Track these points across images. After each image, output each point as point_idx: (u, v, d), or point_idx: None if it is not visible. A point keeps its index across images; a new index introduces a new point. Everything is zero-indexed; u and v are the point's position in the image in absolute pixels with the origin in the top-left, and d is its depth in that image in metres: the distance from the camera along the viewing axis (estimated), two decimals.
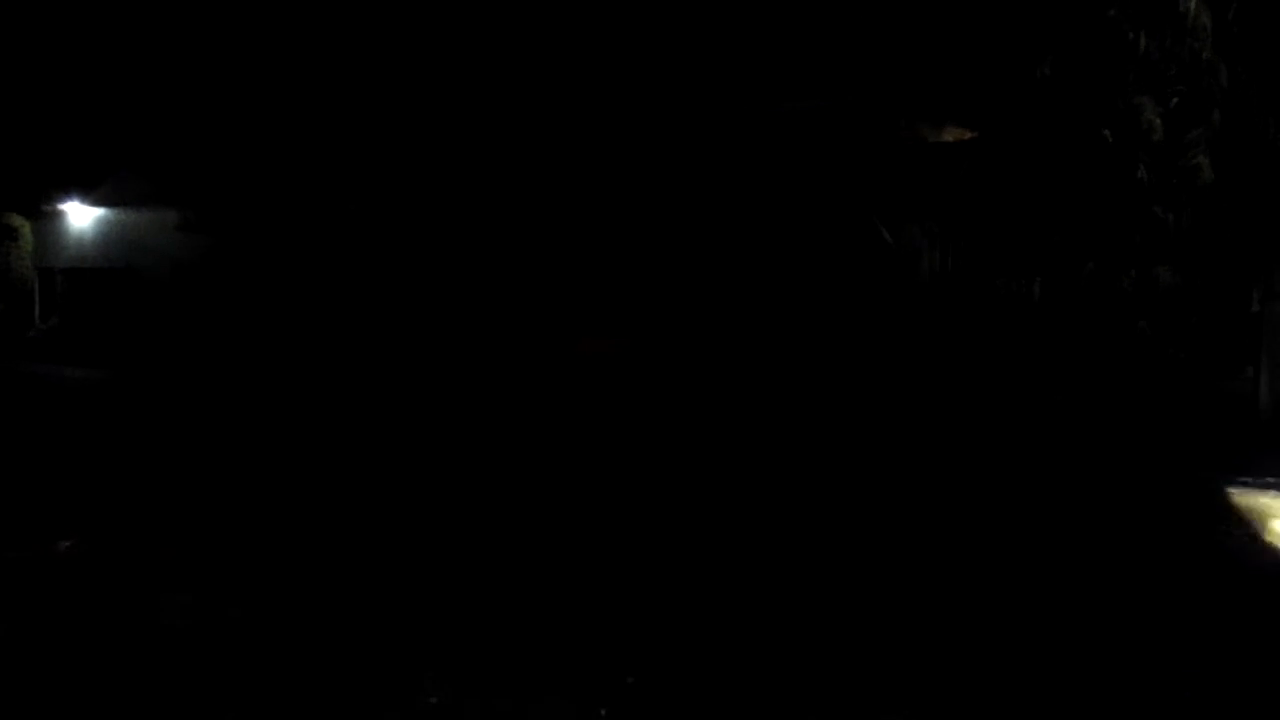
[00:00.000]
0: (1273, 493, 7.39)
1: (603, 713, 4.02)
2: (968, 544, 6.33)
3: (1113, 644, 4.64)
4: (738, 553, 6.13)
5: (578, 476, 8.32)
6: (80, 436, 10.46)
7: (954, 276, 10.68)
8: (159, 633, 4.80)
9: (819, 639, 4.69)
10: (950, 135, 10.90)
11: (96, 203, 17.34)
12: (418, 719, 4.09)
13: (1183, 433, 9.39)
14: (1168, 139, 8.64)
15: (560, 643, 4.70)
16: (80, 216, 17.85)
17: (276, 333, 14.52)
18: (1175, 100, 8.71)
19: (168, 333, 16.21)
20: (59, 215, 18.07)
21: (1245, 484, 7.58)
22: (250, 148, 15.08)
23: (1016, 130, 9.43)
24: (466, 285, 13.27)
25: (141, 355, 16.13)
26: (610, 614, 5.05)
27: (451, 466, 8.84)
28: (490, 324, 12.94)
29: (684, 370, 11.79)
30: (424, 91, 13.28)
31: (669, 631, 4.81)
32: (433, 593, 5.46)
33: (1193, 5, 8.67)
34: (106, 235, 17.49)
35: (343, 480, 8.35)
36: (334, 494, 7.85)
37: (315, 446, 9.93)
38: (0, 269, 18.22)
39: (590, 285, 12.48)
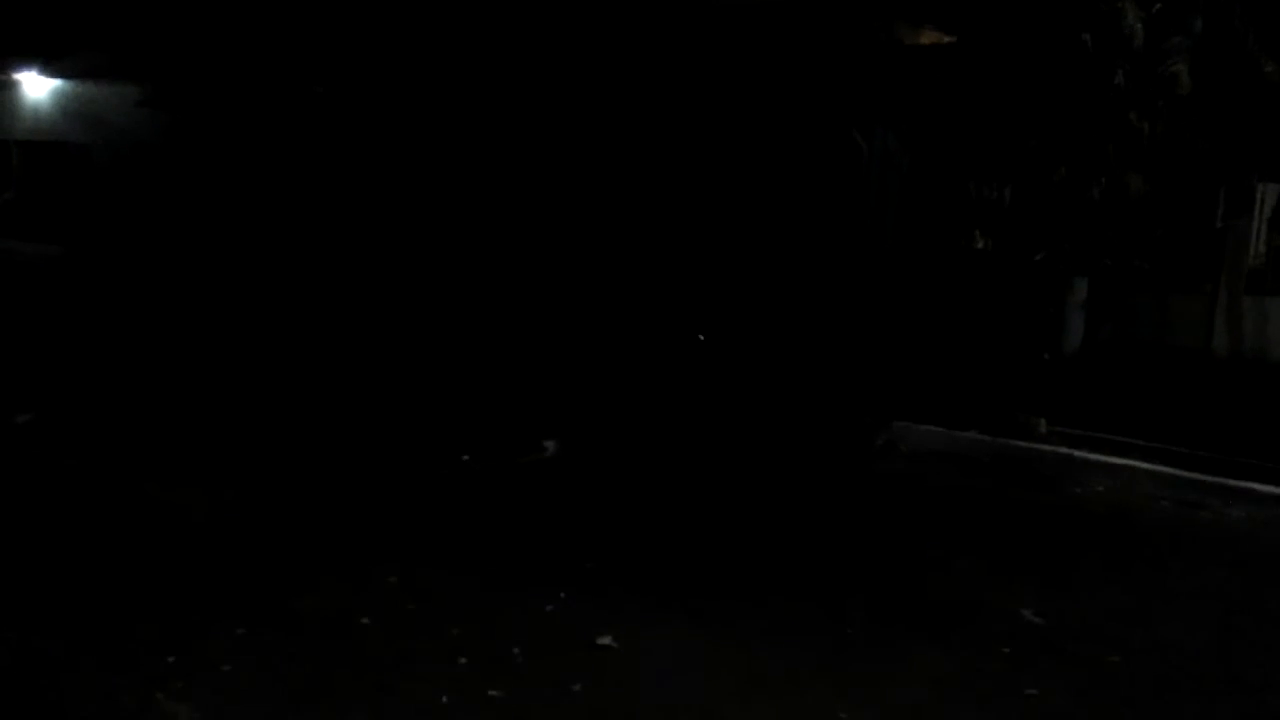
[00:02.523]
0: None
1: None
2: None
3: None
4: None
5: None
6: (32, 313, 10.32)
7: (926, 182, 10.63)
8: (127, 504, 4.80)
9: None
10: (928, 38, 10.75)
11: (56, 74, 16.83)
12: (377, 595, 4.17)
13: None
14: (1147, 46, 8.57)
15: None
16: (37, 88, 17.35)
17: (234, 215, 14.26)
18: (1157, 5, 8.63)
19: (126, 210, 15.90)
20: (15, 86, 17.55)
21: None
22: (214, 23, 14.63)
23: (996, 33, 9.31)
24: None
25: (99, 232, 15.84)
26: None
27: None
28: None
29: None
30: None
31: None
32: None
33: None
34: (65, 108, 17.03)
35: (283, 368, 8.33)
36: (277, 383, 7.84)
37: (269, 335, 9.85)
38: None
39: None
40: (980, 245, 9.80)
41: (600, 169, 12.07)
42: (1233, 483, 7.37)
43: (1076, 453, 8.06)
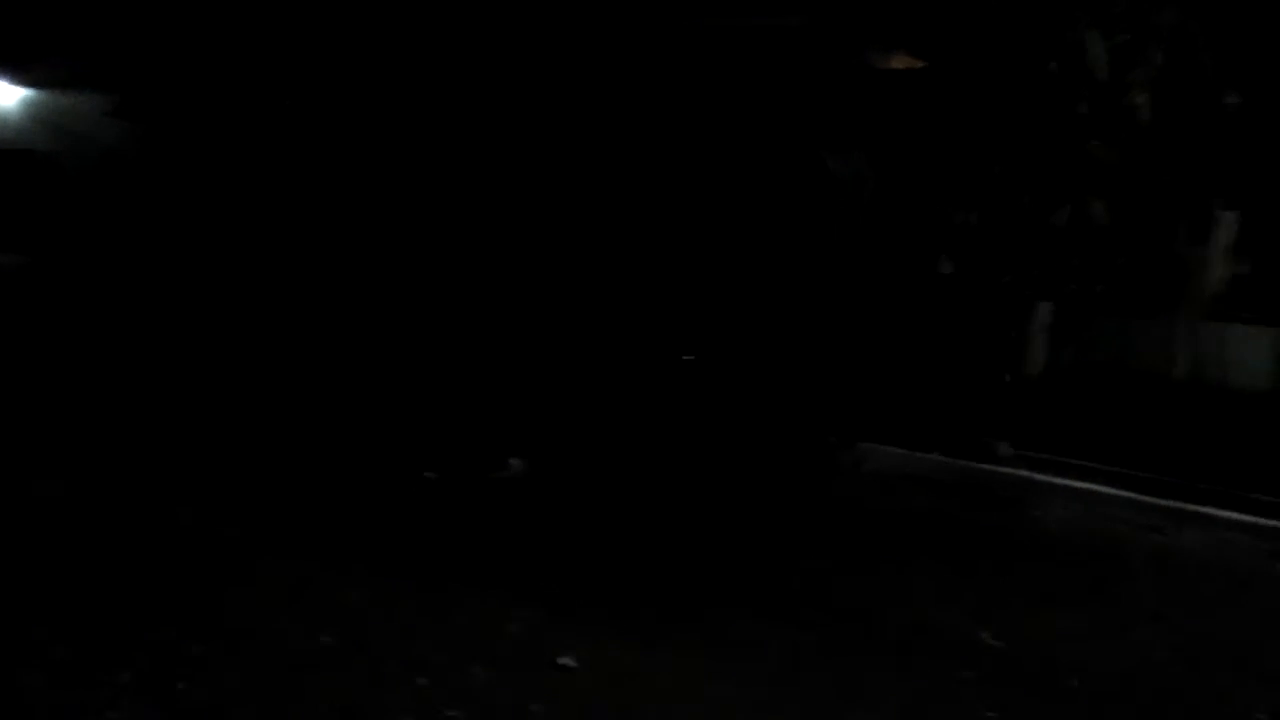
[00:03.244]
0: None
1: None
2: None
3: None
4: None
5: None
6: None
7: (894, 205, 10.72)
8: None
9: None
10: (899, 63, 10.86)
11: (24, 83, 16.70)
12: (338, 613, 4.16)
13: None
14: (1111, 76, 8.72)
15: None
16: (6, 96, 17.19)
17: (202, 226, 14.17)
18: (1122, 38, 8.78)
19: (94, 220, 15.76)
20: None
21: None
22: (184, 34, 14.56)
23: (966, 60, 9.43)
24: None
25: (67, 242, 15.69)
26: None
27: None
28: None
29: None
30: None
31: None
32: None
33: None
34: (34, 117, 16.88)
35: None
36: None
37: (234, 346, 9.79)
38: None
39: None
40: (946, 269, 9.90)
41: (569, 183, 12.10)
42: (1190, 507, 7.47)
43: (1038, 476, 8.16)
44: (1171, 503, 7.57)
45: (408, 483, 6.52)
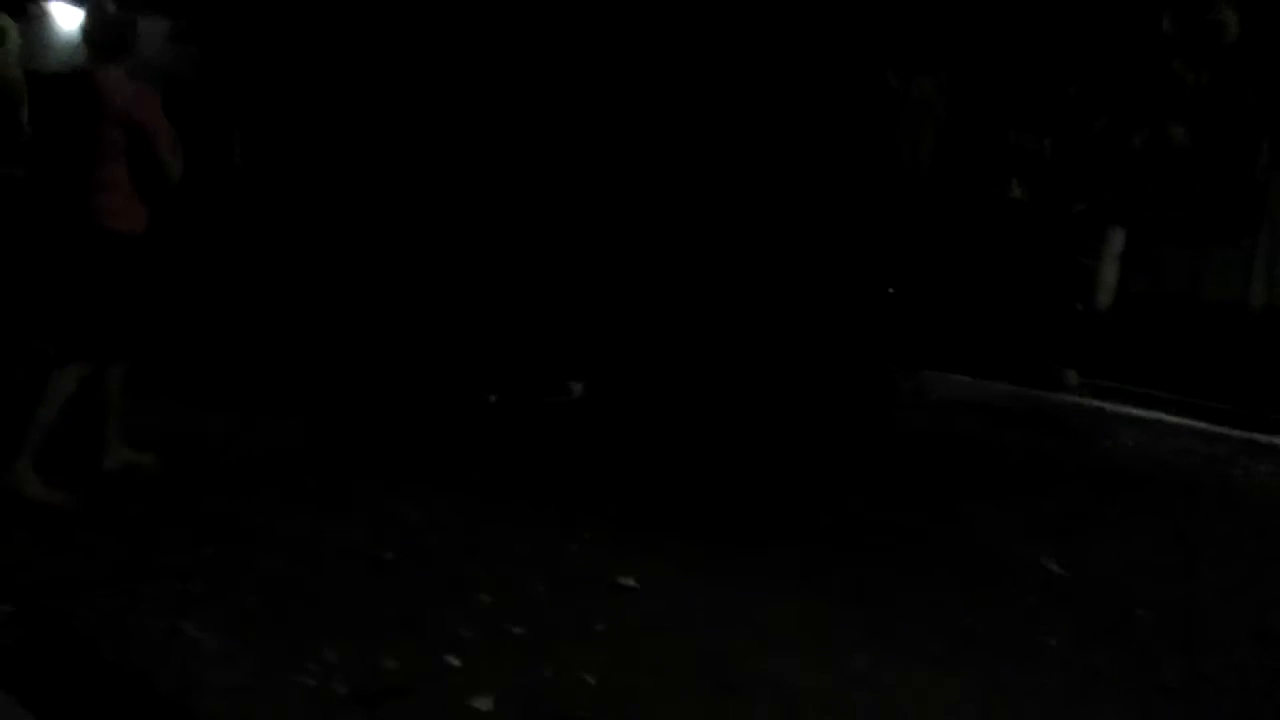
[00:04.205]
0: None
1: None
2: None
3: None
4: None
5: None
6: None
7: (963, 129, 10.45)
8: None
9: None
10: None
11: (84, 4, 16.77)
12: (400, 532, 4.20)
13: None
14: None
15: None
16: (68, 19, 17.28)
17: (262, 148, 14.21)
18: None
19: None
20: (46, 17, 17.49)
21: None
22: None
23: None
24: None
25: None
26: None
27: None
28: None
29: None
30: None
31: None
32: None
33: None
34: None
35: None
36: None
37: (294, 269, 9.84)
38: None
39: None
40: (1017, 194, 9.67)
41: (632, 103, 11.93)
42: (1263, 438, 7.31)
43: (1107, 406, 8.01)
44: (1244, 433, 7.40)
45: (470, 405, 6.55)
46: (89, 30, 4.41)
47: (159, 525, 4.11)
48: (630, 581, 3.91)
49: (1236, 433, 7.43)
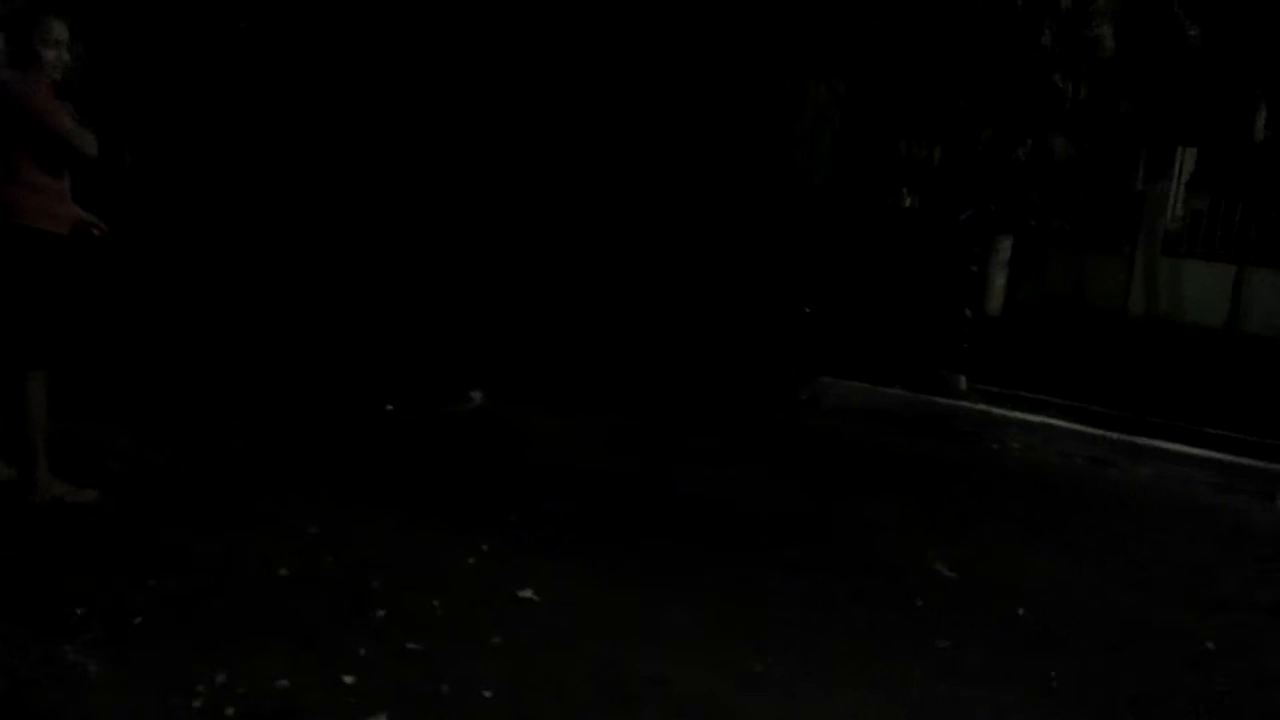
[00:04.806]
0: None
1: None
2: None
3: None
4: None
5: None
6: None
7: (857, 137, 10.68)
8: None
9: None
10: None
11: None
12: (296, 546, 4.13)
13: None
14: (1075, 7, 8.67)
15: None
16: None
17: (158, 150, 13.83)
18: None
19: None
20: None
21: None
22: None
23: None
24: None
25: None
26: None
27: None
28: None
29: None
30: None
31: None
32: None
33: None
34: None
35: None
36: None
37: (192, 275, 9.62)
38: None
39: None
40: (907, 202, 9.91)
41: (531, 108, 11.91)
42: (1142, 441, 7.59)
43: (995, 410, 8.25)
44: (1125, 436, 7.68)
45: (367, 414, 6.47)
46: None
47: (38, 542, 3.98)
48: (529, 593, 3.90)
49: (1118, 435, 7.71)
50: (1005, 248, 10.73)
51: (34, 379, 4.29)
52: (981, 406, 8.33)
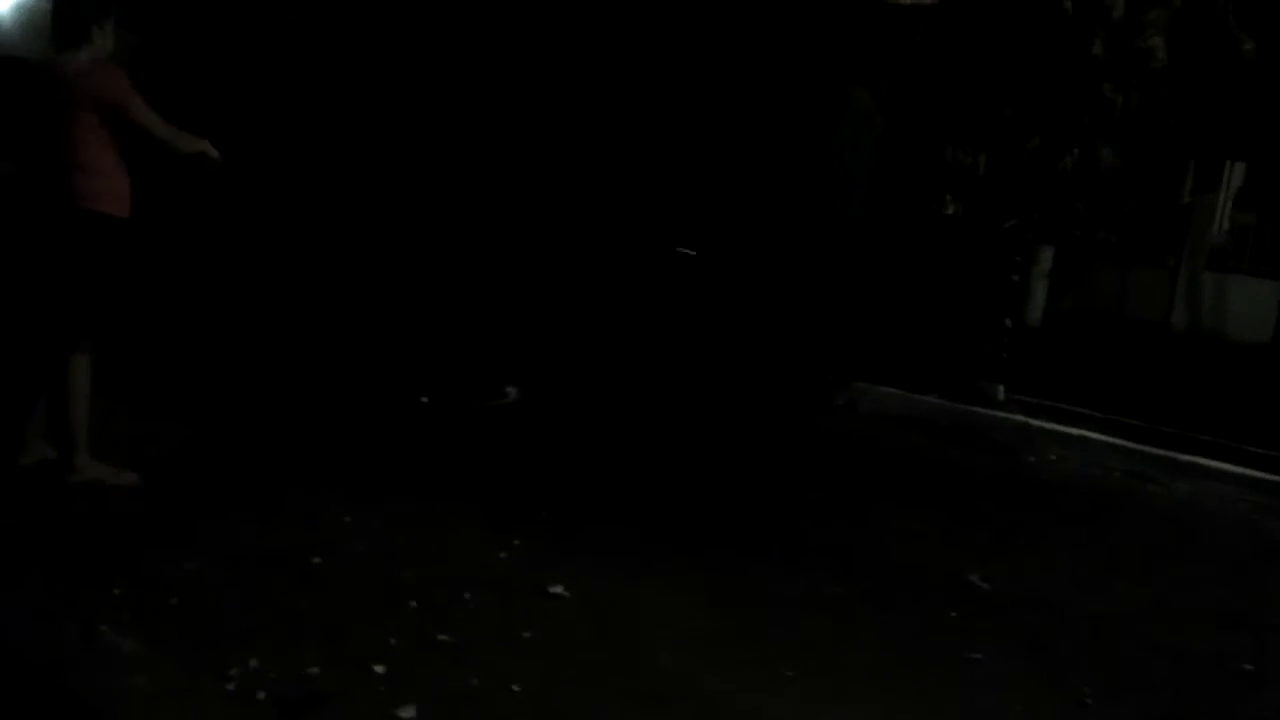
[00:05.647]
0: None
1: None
2: None
3: None
4: None
5: None
6: None
7: (900, 144, 10.60)
8: None
9: None
10: None
11: None
12: (329, 535, 4.15)
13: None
14: (1127, 17, 8.55)
15: None
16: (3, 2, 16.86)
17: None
18: None
19: None
20: None
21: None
22: None
23: None
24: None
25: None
26: None
27: None
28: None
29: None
30: None
31: None
32: None
33: None
34: (36, 24, 16.57)
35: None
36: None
37: (226, 269, 9.71)
38: None
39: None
40: (950, 210, 9.81)
41: (576, 111, 11.95)
42: (1182, 457, 7.48)
43: (1033, 421, 8.16)
44: (1165, 451, 7.58)
45: (404, 408, 6.50)
46: (53, 15, 4.39)
47: (81, 525, 4.03)
48: (559, 589, 3.91)
49: (1157, 450, 7.61)
50: (1047, 258, 10.61)
51: (79, 360, 4.34)
52: (1019, 417, 8.24)
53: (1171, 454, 7.56)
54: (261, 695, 2.95)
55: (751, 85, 11.33)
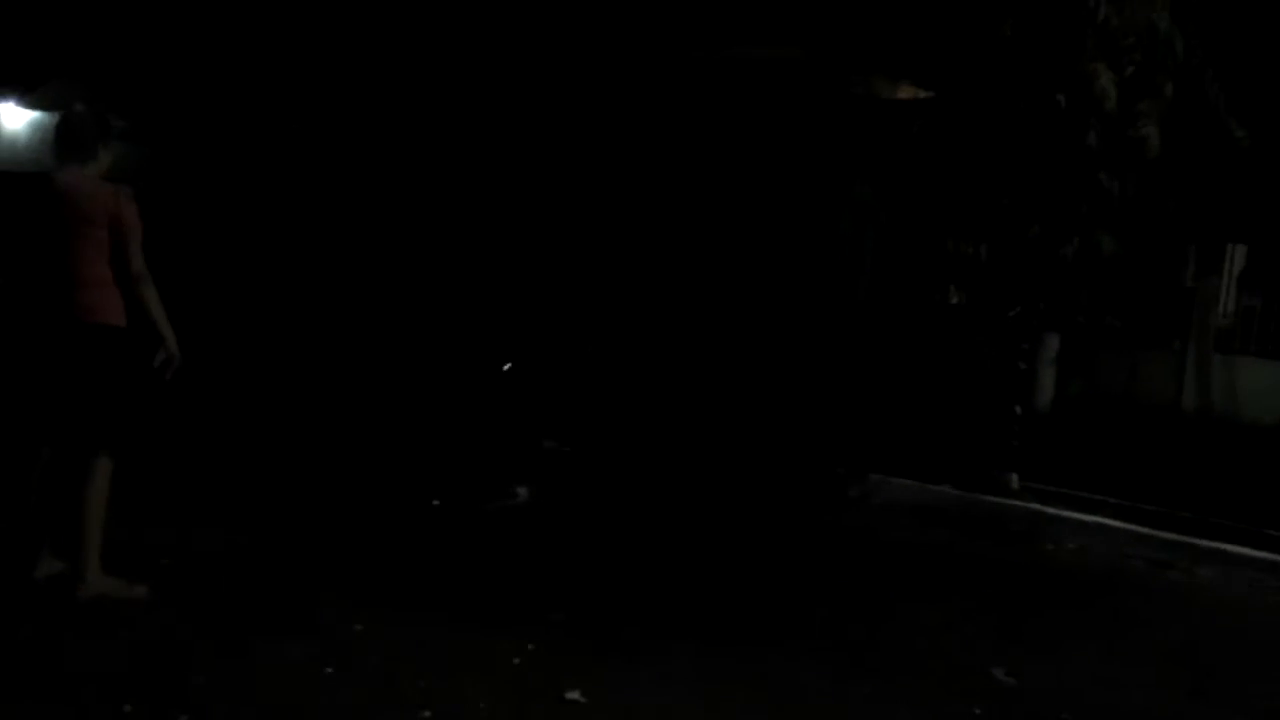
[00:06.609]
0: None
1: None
2: None
3: None
4: None
5: None
6: None
7: (902, 235, 10.72)
8: None
9: None
10: (905, 93, 10.89)
11: (32, 105, 16.75)
12: (342, 644, 4.11)
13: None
14: (1120, 108, 8.71)
15: None
16: (14, 119, 17.26)
17: (207, 250, 14.17)
18: (1130, 69, 8.78)
19: None
20: None
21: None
22: (191, 59, 14.62)
23: (973, 90, 9.44)
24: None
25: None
26: None
27: None
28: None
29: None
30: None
31: None
32: None
33: None
34: (44, 139, 16.93)
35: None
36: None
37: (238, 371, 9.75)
38: None
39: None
40: (955, 300, 9.88)
41: (577, 208, 12.11)
42: (1202, 543, 7.41)
43: (1048, 509, 8.09)
44: (1183, 537, 7.50)
45: (414, 510, 6.47)
46: (60, 132, 4.47)
47: (78, 637, 3.98)
48: (575, 695, 3.84)
49: (1176, 536, 7.53)
50: (1053, 344, 10.65)
51: (100, 470, 4.34)
52: (1034, 505, 8.18)
53: (1191, 539, 7.48)
54: None
55: (752, 183, 11.49)
